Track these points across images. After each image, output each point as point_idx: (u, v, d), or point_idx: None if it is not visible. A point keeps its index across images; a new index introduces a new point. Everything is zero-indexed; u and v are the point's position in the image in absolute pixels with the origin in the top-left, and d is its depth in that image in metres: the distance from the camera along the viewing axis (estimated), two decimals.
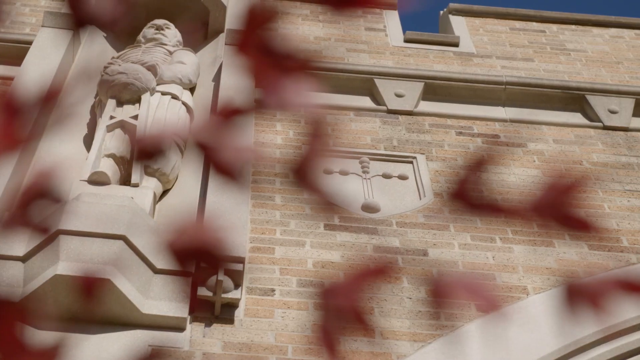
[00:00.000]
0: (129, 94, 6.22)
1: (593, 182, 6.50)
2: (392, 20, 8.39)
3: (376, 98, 7.18)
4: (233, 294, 5.06)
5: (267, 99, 1.89)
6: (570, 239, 5.85)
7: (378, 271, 1.90)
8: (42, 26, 7.11)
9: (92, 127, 6.46)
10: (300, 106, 1.91)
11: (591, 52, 8.23)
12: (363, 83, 7.26)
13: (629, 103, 7.29)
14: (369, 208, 5.99)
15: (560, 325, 5.24)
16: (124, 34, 7.61)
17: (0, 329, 1.80)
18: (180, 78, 6.55)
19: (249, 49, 1.85)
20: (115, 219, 5.15)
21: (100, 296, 4.91)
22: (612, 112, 7.22)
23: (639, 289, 1.88)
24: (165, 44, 6.95)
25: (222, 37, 7.69)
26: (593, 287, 1.88)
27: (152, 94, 6.30)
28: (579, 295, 1.88)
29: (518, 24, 8.62)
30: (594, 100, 7.28)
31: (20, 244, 5.17)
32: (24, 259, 5.09)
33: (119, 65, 6.40)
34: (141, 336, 4.88)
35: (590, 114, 7.25)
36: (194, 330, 4.97)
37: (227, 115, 1.88)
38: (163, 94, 6.39)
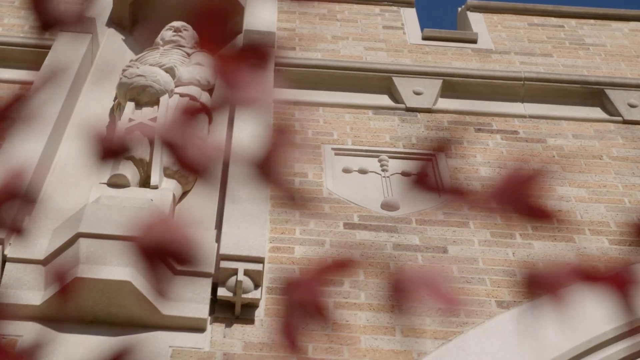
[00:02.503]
0: (147, 96, 6.25)
1: (613, 177, 6.47)
2: (409, 17, 8.38)
3: (394, 96, 7.18)
4: (253, 294, 5.07)
5: (229, 94, 1.89)
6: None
7: (338, 265, 1.91)
8: (61, 30, 7.14)
9: (111, 129, 6.49)
10: (260, 100, 1.92)
11: (610, 46, 8.19)
12: (381, 81, 7.25)
13: None
14: (388, 206, 5.99)
15: (582, 320, 5.22)
16: (142, 36, 7.64)
17: None
18: (198, 80, 6.57)
19: (208, 44, 1.86)
20: (134, 221, 5.17)
21: (119, 298, 4.93)
22: (632, 106, 7.18)
23: (596, 278, 1.89)
24: (184, 46, 6.97)
25: (240, 38, 7.70)
26: (552, 277, 1.89)
27: (170, 96, 6.32)
28: (539, 284, 1.89)
29: (536, 19, 8.59)
30: (613, 94, 7.25)
31: (41, 247, 5.20)
32: (44, 262, 5.12)
33: (137, 67, 6.42)
34: (162, 337, 4.90)
35: (609, 109, 7.22)
36: (214, 331, 4.98)
37: (192, 113, 1.89)
38: (181, 95, 6.41)
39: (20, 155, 5.76)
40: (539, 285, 1.91)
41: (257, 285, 5.10)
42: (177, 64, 6.65)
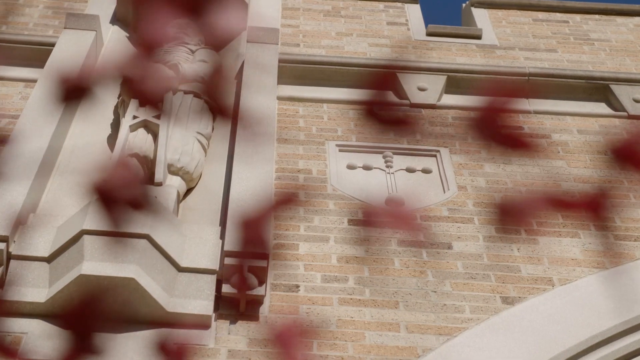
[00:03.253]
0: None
1: (618, 172, 6.46)
2: (414, 13, 8.37)
3: (399, 92, 7.17)
4: (257, 291, 5.07)
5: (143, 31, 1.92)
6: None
7: (282, 202, 1.95)
8: (65, 28, 7.14)
9: (115, 126, 6.49)
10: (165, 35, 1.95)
11: (615, 41, 8.18)
12: (386, 77, 7.24)
13: None
14: (393, 202, 5.99)
15: (587, 316, 5.22)
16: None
17: None
18: (202, 77, 6.57)
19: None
20: (139, 218, 5.16)
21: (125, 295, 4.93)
22: (637, 101, 7.17)
23: (565, 205, 1.92)
24: (188, 43, 6.97)
25: (244, 35, 7.70)
26: (523, 204, 1.91)
27: (174, 93, 6.31)
28: (511, 211, 1.91)
29: (541, 14, 8.58)
30: (618, 89, 7.24)
31: (45, 244, 5.20)
32: (49, 259, 5.12)
33: None
34: (166, 334, 4.90)
35: (614, 104, 7.20)
36: (219, 328, 4.98)
37: (149, 48, 1.90)
38: (186, 92, 6.41)
39: (24, 153, 5.76)
40: (512, 214, 1.93)
41: (261, 281, 5.09)
42: (181, 61, 6.65)
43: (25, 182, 5.52)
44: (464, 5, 8.86)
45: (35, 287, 5.01)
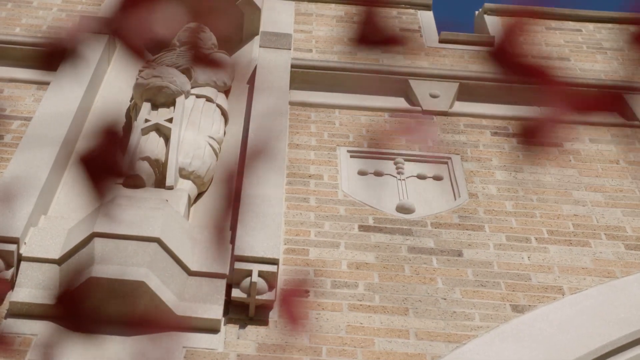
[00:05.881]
0: (163, 97, 6.25)
1: (630, 182, 6.44)
2: (427, 20, 8.37)
3: (411, 99, 7.17)
4: (267, 296, 5.07)
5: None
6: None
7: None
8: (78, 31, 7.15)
9: (127, 130, 6.50)
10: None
11: (628, 50, 8.16)
12: (398, 84, 7.24)
13: None
14: (403, 209, 5.98)
15: (597, 325, 5.20)
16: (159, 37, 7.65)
17: None
18: (214, 81, 6.57)
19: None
20: (149, 222, 5.17)
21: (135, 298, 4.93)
22: None
23: (583, 107, 1.89)
24: (201, 47, 6.98)
25: (257, 40, 7.70)
26: (545, 121, 1.89)
27: (186, 97, 6.32)
28: (533, 132, 1.90)
29: (554, 23, 8.57)
30: (631, 98, 7.22)
31: (56, 246, 5.21)
32: (59, 261, 5.13)
33: (154, 68, 6.43)
34: (176, 338, 4.90)
35: (627, 113, 7.19)
36: (228, 332, 4.98)
37: (133, 3, 1.90)
38: (198, 96, 6.42)
39: (36, 155, 5.77)
40: (535, 133, 1.91)
41: (271, 286, 5.09)
42: (193, 65, 6.65)
43: (37, 183, 5.53)
44: (476, 12, 8.86)
45: (46, 289, 5.02)
